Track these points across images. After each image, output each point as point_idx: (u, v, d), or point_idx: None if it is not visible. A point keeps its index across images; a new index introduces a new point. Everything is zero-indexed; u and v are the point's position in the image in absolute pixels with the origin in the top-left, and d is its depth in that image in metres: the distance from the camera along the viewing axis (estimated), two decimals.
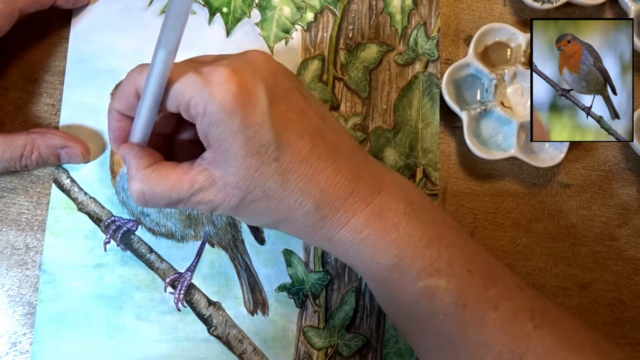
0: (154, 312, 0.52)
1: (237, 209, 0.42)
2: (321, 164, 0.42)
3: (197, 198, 0.42)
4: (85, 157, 0.52)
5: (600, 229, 0.59)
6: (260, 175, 0.40)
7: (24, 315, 0.51)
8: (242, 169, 0.40)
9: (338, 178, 0.42)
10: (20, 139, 0.49)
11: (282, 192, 0.41)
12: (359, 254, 0.44)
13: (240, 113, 0.39)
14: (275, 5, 0.57)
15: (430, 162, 0.56)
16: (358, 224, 0.43)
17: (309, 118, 0.42)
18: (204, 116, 0.39)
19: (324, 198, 0.42)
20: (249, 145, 0.39)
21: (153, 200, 0.42)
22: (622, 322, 0.58)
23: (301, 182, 0.41)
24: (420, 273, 0.43)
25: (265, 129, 0.39)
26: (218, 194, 0.41)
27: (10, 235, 0.52)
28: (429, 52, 0.58)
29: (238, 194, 0.41)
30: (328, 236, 0.43)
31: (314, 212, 0.42)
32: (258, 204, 0.42)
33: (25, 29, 0.53)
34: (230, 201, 0.41)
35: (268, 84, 0.40)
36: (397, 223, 0.43)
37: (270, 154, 0.40)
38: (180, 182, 0.41)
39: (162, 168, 0.42)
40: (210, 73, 0.39)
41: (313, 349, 0.53)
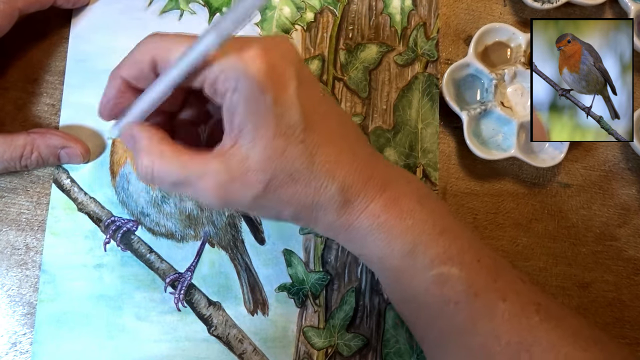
0: (154, 312, 0.52)
1: (259, 200, 0.40)
2: (344, 147, 0.42)
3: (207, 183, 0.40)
4: (85, 157, 0.52)
5: (600, 229, 0.59)
6: (287, 156, 0.39)
7: (24, 315, 0.51)
8: (268, 149, 0.39)
9: (358, 162, 0.42)
10: (20, 139, 0.49)
11: (308, 175, 0.40)
12: (375, 239, 0.43)
13: (272, 91, 0.38)
14: (275, 5, 0.57)
15: (430, 162, 0.56)
16: (376, 209, 0.43)
17: (330, 105, 0.43)
18: (234, 92, 0.38)
19: (347, 181, 0.42)
20: (278, 124, 0.39)
21: (160, 177, 0.40)
22: (622, 322, 0.58)
23: (327, 165, 0.41)
24: (433, 260, 0.43)
25: (294, 109, 0.39)
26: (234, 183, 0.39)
27: (10, 235, 0.52)
28: (429, 53, 0.58)
29: (262, 179, 0.39)
30: (348, 222, 0.43)
31: (338, 196, 0.42)
32: (284, 189, 0.40)
33: (25, 29, 0.53)
34: (252, 190, 0.40)
35: (296, 67, 0.40)
36: (412, 209, 0.43)
37: (298, 135, 0.39)
38: (192, 162, 0.40)
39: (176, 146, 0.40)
40: (243, 49, 0.38)
41: (313, 349, 0.53)
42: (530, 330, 0.43)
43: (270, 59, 0.38)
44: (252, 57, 0.37)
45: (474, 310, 0.44)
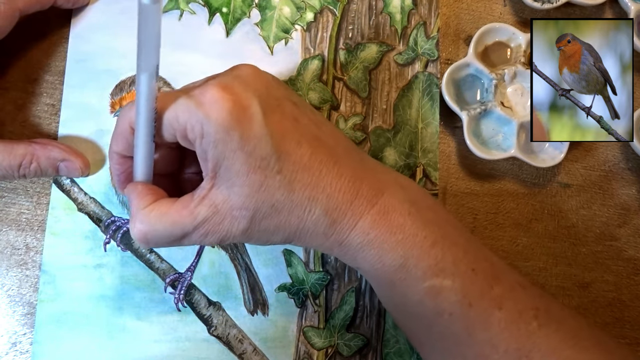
0: (154, 312, 0.52)
1: (248, 232, 0.41)
2: (323, 170, 0.41)
3: (202, 231, 0.41)
4: (85, 172, 0.52)
5: (600, 229, 0.59)
6: (266, 189, 0.40)
7: (24, 315, 0.51)
8: (246, 186, 0.39)
9: (342, 181, 0.42)
10: (20, 148, 0.49)
11: (290, 204, 0.41)
12: (366, 256, 0.43)
13: (238, 128, 0.38)
14: (275, 5, 0.57)
15: (430, 162, 0.56)
16: (365, 226, 0.42)
17: (304, 125, 0.42)
18: (202, 138, 0.39)
19: (331, 203, 0.42)
20: (250, 160, 0.39)
21: (155, 240, 0.41)
22: (622, 322, 0.58)
23: (307, 190, 0.41)
24: (425, 273, 0.43)
25: (264, 141, 0.39)
26: (224, 222, 0.41)
27: (10, 235, 0.52)
28: (429, 52, 0.58)
29: (246, 214, 0.40)
30: (338, 241, 0.43)
31: (324, 218, 0.42)
32: (268, 221, 0.41)
33: (25, 29, 0.53)
34: (239, 225, 0.41)
35: (260, 95, 0.40)
36: (402, 224, 0.43)
37: (273, 167, 0.40)
38: (180, 217, 0.40)
39: (162, 205, 0.41)
40: (202, 94, 0.38)
41: (313, 349, 0.53)
42: (529, 337, 0.43)
43: (232, 96, 0.38)
44: (211, 100, 0.38)
45: (469, 320, 0.43)
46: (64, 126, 0.54)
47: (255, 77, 0.42)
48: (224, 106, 0.38)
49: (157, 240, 0.41)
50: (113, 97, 0.54)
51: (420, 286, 0.43)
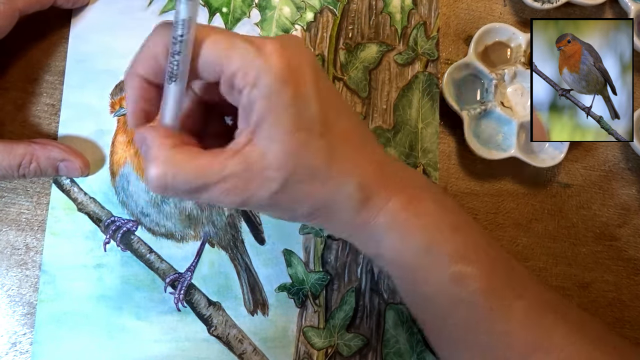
0: (154, 312, 0.52)
1: (276, 197, 0.39)
2: (359, 146, 0.42)
3: (226, 185, 0.38)
4: (84, 172, 0.52)
5: (600, 229, 0.59)
6: (307, 152, 0.39)
7: (24, 315, 0.51)
8: (289, 143, 0.38)
9: (375, 161, 0.42)
10: (20, 148, 0.49)
11: (326, 173, 0.40)
12: (391, 238, 0.43)
13: (293, 85, 0.37)
14: (275, 5, 0.57)
15: (430, 162, 0.56)
16: (394, 207, 0.42)
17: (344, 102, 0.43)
18: (253, 87, 0.37)
19: (365, 180, 0.41)
20: (299, 119, 0.38)
21: (174, 185, 0.38)
22: (622, 322, 0.58)
23: (346, 163, 0.40)
24: (450, 258, 0.43)
25: (313, 103, 0.38)
26: (253, 181, 0.38)
27: (10, 235, 0.52)
28: (429, 52, 0.58)
29: (280, 176, 0.38)
30: (365, 221, 0.42)
31: (356, 194, 0.41)
32: (300, 187, 0.39)
33: (25, 29, 0.53)
34: (270, 187, 0.38)
35: (311, 63, 0.40)
36: (429, 208, 0.43)
37: (318, 130, 0.39)
38: (208, 164, 0.38)
39: (189, 151, 0.38)
40: (263, 44, 0.37)
41: (313, 349, 0.53)
42: (546, 329, 0.43)
43: (288, 55, 0.38)
44: (271, 53, 0.37)
45: (488, 309, 0.43)
46: (63, 126, 0.54)
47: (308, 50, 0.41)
48: (282, 61, 0.37)
49: (176, 186, 0.38)
50: (113, 97, 0.54)
51: (443, 272, 0.43)
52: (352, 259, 0.54)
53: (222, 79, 0.38)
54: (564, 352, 0.43)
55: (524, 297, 0.44)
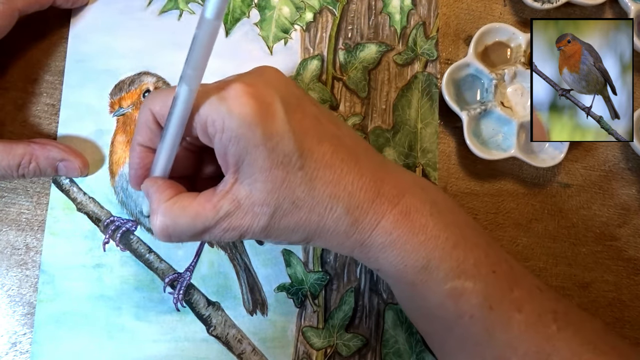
0: (153, 312, 0.52)
1: (268, 229, 0.41)
2: (344, 168, 0.41)
3: (223, 225, 0.40)
4: (83, 171, 0.52)
5: (600, 229, 0.59)
6: (288, 186, 0.40)
7: (24, 315, 0.51)
8: (268, 182, 0.39)
9: (363, 180, 0.42)
10: (19, 148, 0.49)
11: (311, 201, 0.41)
12: (388, 256, 0.43)
13: (261, 124, 0.38)
14: (274, 5, 0.57)
15: (430, 162, 0.56)
16: (387, 225, 0.42)
17: (324, 125, 0.42)
18: (223, 133, 0.38)
19: (353, 201, 0.41)
20: (273, 156, 0.39)
21: (177, 233, 0.41)
22: (622, 322, 0.58)
23: (329, 188, 0.41)
24: (447, 275, 0.43)
25: (286, 138, 0.39)
26: (245, 217, 0.40)
27: (10, 235, 0.53)
28: (428, 52, 0.58)
29: (267, 211, 0.40)
30: (360, 241, 0.43)
31: (345, 217, 0.42)
32: (289, 218, 0.41)
33: (25, 29, 0.53)
34: (259, 222, 0.40)
35: (282, 94, 0.40)
36: (424, 224, 0.43)
37: (295, 163, 0.39)
38: (203, 210, 0.40)
39: (184, 199, 0.41)
40: (225, 89, 0.39)
41: (312, 349, 0.53)
42: (548, 340, 0.43)
43: (255, 92, 0.38)
44: (234, 96, 0.38)
45: (489, 323, 0.43)
46: (63, 126, 0.54)
47: (278, 78, 0.42)
48: (247, 102, 0.38)
49: (179, 234, 0.41)
50: (112, 97, 0.54)
51: (442, 288, 0.43)
52: (352, 259, 0.54)
53: (198, 131, 0.40)
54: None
55: (524, 310, 0.44)
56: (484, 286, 0.43)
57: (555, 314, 0.44)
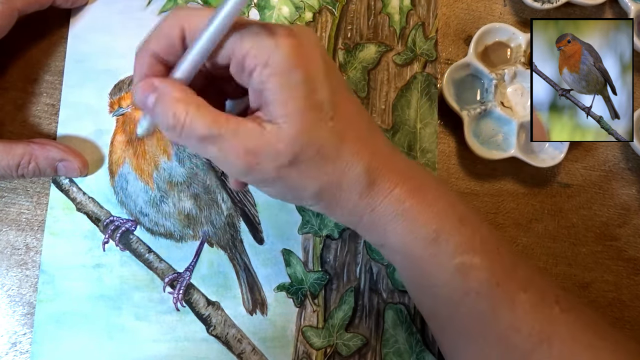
0: (153, 312, 0.52)
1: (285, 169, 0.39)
2: (367, 133, 0.42)
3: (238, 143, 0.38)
4: (83, 172, 0.52)
5: (600, 229, 0.59)
6: (317, 131, 0.39)
7: (24, 315, 0.52)
8: (300, 122, 0.39)
9: (382, 149, 0.43)
10: (19, 148, 0.49)
11: (335, 152, 0.40)
12: (397, 227, 0.43)
13: (304, 66, 0.38)
14: (274, 5, 0.57)
15: (429, 162, 0.56)
16: (402, 193, 0.42)
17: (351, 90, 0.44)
18: (264, 67, 0.38)
19: (373, 163, 0.42)
20: (309, 99, 0.39)
21: (191, 125, 0.38)
22: (622, 322, 0.58)
23: (355, 145, 0.41)
24: (456, 249, 0.43)
25: (324, 87, 0.39)
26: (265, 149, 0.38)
27: (10, 235, 0.53)
28: (427, 53, 0.58)
29: (291, 150, 0.39)
30: (371, 206, 0.43)
31: (363, 177, 0.41)
32: (310, 164, 0.40)
33: (24, 29, 0.53)
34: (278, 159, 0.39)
35: (321, 51, 0.41)
36: (436, 197, 0.44)
37: (327, 112, 0.40)
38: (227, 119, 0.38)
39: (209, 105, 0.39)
40: (274, 27, 0.39)
41: (312, 348, 0.53)
42: (551, 321, 0.43)
43: (299, 40, 0.39)
44: (282, 35, 0.38)
45: (495, 300, 0.44)
46: (62, 126, 0.54)
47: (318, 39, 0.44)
48: (293, 43, 0.38)
49: (192, 127, 0.38)
50: (112, 97, 0.54)
51: (450, 262, 0.43)
52: (351, 259, 0.55)
53: (233, 60, 0.39)
54: (567, 344, 0.43)
55: (529, 290, 0.44)
56: (491, 263, 0.44)
57: (557, 297, 0.44)
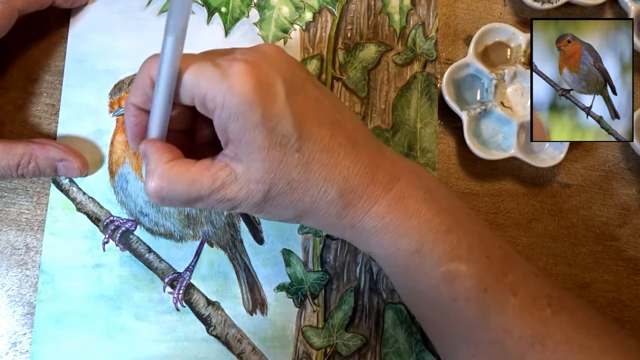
0: (153, 312, 0.52)
1: (261, 205, 0.42)
2: (342, 152, 0.42)
3: (217, 196, 0.41)
4: (83, 172, 0.52)
5: (600, 229, 0.59)
6: (284, 166, 0.40)
7: (24, 315, 0.51)
8: (265, 161, 0.40)
9: (359, 165, 0.42)
10: (19, 148, 0.49)
11: (305, 183, 0.41)
12: (380, 240, 0.44)
13: (261, 105, 0.38)
14: (274, 5, 0.57)
15: (429, 162, 0.56)
16: (380, 210, 0.43)
17: (326, 108, 0.43)
18: (222, 109, 0.39)
19: (347, 185, 0.42)
20: (271, 137, 0.39)
21: (170, 197, 0.41)
22: (622, 322, 0.58)
23: (324, 171, 0.41)
24: (441, 258, 0.43)
25: (286, 119, 0.39)
26: (240, 191, 0.41)
27: (10, 235, 0.53)
28: (427, 52, 0.58)
29: (262, 188, 0.41)
30: (351, 224, 0.43)
31: (338, 200, 0.42)
32: (282, 197, 0.41)
33: (24, 28, 0.53)
34: (253, 197, 0.41)
35: (284, 75, 0.40)
36: (418, 209, 0.43)
37: (293, 145, 0.40)
38: (200, 177, 0.40)
39: (182, 164, 0.41)
40: (228, 66, 0.39)
41: (312, 348, 0.53)
42: (543, 323, 0.43)
43: (258, 72, 0.39)
44: (237, 73, 0.38)
45: (484, 306, 0.44)
46: (62, 126, 0.54)
47: (281, 57, 0.42)
48: (249, 81, 0.38)
49: (173, 198, 0.41)
50: (112, 96, 0.54)
51: (435, 271, 0.43)
52: (351, 259, 0.55)
53: (196, 101, 0.40)
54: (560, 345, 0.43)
55: (519, 293, 0.44)
56: (478, 270, 0.44)
57: (549, 298, 0.45)
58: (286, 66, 0.41)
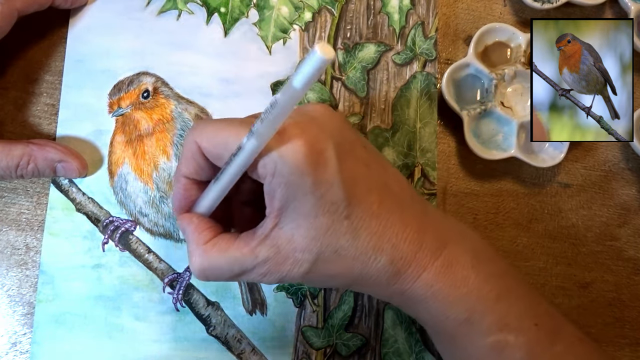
0: (153, 312, 0.52)
1: (308, 275, 0.40)
2: (390, 218, 0.41)
3: (261, 270, 0.40)
4: (82, 172, 0.52)
5: (600, 229, 0.59)
6: (332, 234, 0.39)
7: (24, 315, 0.52)
8: (312, 229, 0.39)
9: (407, 232, 0.41)
10: (18, 148, 0.49)
11: (354, 251, 0.40)
12: (429, 308, 0.43)
13: (312, 173, 0.37)
14: (273, 5, 0.57)
15: (429, 162, 0.56)
16: (429, 278, 0.42)
17: (374, 171, 0.42)
18: (273, 177, 0.37)
19: (397, 253, 0.41)
20: (320, 204, 0.38)
21: (215, 275, 0.41)
22: (622, 322, 0.58)
23: (373, 239, 0.40)
24: (490, 328, 0.43)
25: (336, 186, 0.38)
26: (285, 262, 0.40)
27: (10, 235, 0.53)
28: (427, 52, 0.58)
29: (308, 258, 0.39)
30: (400, 291, 0.42)
31: (388, 268, 0.41)
32: (330, 266, 0.40)
33: (24, 29, 0.53)
34: (300, 268, 0.40)
35: (335, 140, 0.39)
36: (466, 277, 0.42)
37: (342, 212, 0.39)
38: (241, 255, 0.40)
39: (222, 241, 0.41)
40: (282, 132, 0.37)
41: (312, 348, 0.53)
42: None
43: (309, 139, 0.37)
44: (289, 141, 0.37)
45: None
46: (62, 126, 0.54)
47: (330, 119, 0.41)
48: (300, 149, 0.37)
49: (217, 276, 0.41)
50: (111, 97, 0.54)
51: (484, 341, 0.43)
52: None
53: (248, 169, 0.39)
54: None
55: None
56: (527, 340, 0.43)
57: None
58: (337, 129, 0.40)
